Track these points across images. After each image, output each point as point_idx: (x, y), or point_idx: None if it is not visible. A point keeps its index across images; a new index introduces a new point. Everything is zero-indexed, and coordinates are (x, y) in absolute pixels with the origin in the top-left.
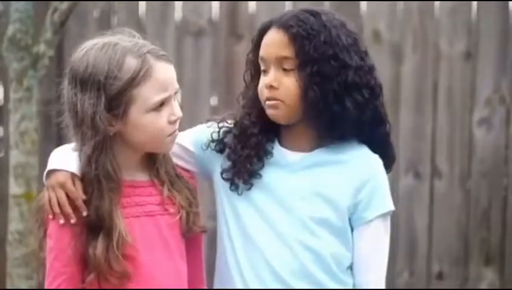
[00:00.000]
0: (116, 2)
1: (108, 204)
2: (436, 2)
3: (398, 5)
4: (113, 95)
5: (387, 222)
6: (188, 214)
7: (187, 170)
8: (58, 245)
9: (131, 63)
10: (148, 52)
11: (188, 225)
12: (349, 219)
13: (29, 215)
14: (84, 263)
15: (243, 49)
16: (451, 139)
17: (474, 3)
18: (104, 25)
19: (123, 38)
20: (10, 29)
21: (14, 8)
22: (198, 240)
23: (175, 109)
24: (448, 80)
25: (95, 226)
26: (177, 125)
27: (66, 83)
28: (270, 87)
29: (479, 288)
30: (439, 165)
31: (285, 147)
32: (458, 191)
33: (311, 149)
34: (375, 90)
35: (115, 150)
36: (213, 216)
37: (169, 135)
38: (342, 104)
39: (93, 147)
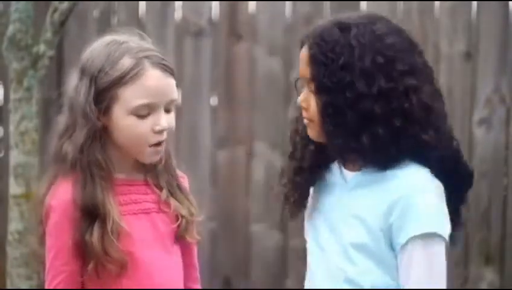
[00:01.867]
0: (116, 2)
1: (100, 191)
2: (436, 2)
3: (398, 5)
4: (101, 89)
5: (434, 247)
6: (187, 223)
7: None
8: (58, 243)
9: (124, 63)
10: (146, 56)
11: (183, 233)
12: (392, 245)
13: (29, 215)
14: (83, 256)
15: (243, 49)
16: None
17: (474, 3)
18: (104, 25)
19: (133, 40)
20: (10, 29)
21: (14, 8)
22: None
23: (161, 119)
24: (448, 80)
25: (91, 213)
26: (162, 137)
27: (70, 78)
28: (302, 106)
29: (479, 288)
30: None
31: (347, 167)
32: None
33: (359, 168)
34: (413, 115)
35: (108, 144)
36: (212, 217)
37: (151, 145)
38: (358, 139)
39: (86, 135)
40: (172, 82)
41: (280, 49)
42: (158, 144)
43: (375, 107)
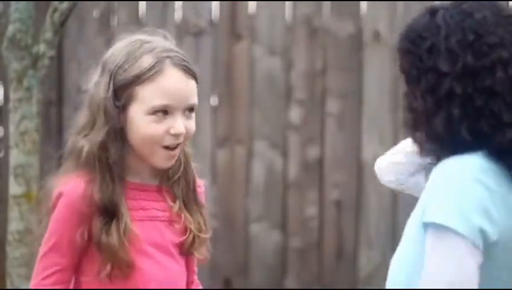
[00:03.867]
0: (116, 2)
1: (119, 192)
2: (436, 2)
3: (398, 5)
4: (120, 86)
5: (441, 241)
6: (194, 238)
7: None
8: (59, 233)
9: (145, 61)
10: (168, 56)
11: (190, 248)
12: None
13: (29, 215)
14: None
15: (243, 49)
16: None
17: None
18: (104, 25)
19: (157, 40)
20: (10, 29)
21: (14, 8)
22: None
23: (178, 122)
24: None
25: (108, 212)
26: (177, 140)
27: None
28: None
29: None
30: None
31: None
32: None
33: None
34: (497, 92)
35: (124, 145)
36: (212, 217)
37: (165, 148)
38: (432, 124)
39: (106, 132)
40: (193, 85)
41: (280, 49)
42: (172, 147)
43: (456, 87)
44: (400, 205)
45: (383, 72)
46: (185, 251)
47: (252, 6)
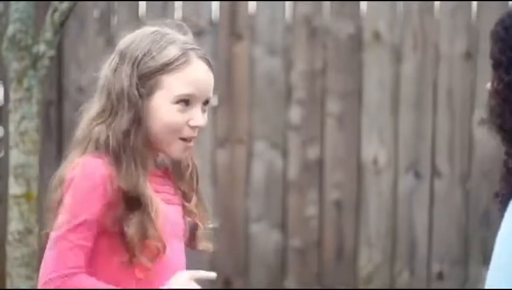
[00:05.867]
0: (116, 2)
1: (143, 179)
2: (436, 2)
3: (398, 5)
4: (144, 73)
5: None
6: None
7: None
8: (87, 212)
9: (172, 50)
10: (192, 49)
11: (194, 240)
12: None
13: (29, 215)
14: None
15: (242, 49)
16: (451, 139)
17: (474, 3)
18: (104, 25)
19: (176, 33)
20: (10, 29)
21: (14, 8)
22: None
23: (198, 115)
24: (448, 80)
25: (133, 202)
26: (194, 133)
27: (106, 63)
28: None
29: (479, 288)
30: (439, 165)
31: None
32: (458, 191)
33: None
34: None
35: (144, 132)
36: (212, 216)
37: (183, 139)
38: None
39: (131, 120)
40: (213, 79)
41: (280, 49)
42: (189, 139)
43: None
44: (400, 205)
45: (383, 72)
46: (190, 243)
47: (252, 6)
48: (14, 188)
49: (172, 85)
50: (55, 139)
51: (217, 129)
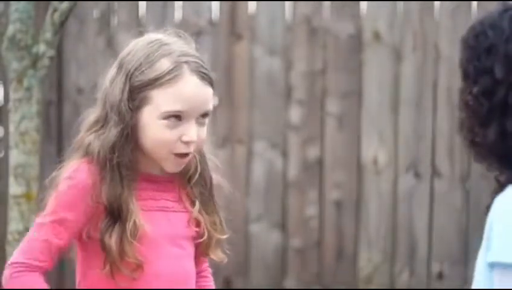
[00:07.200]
0: (116, 2)
1: (128, 193)
2: (436, 2)
3: (398, 5)
4: (135, 87)
5: (507, 278)
6: (210, 239)
7: None
8: (65, 211)
9: (163, 64)
10: (186, 62)
11: (206, 250)
12: None
13: (29, 215)
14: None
15: (242, 49)
16: (451, 139)
17: (474, 3)
18: (104, 25)
19: (177, 43)
20: (10, 29)
21: (14, 8)
22: None
23: (191, 129)
24: (448, 80)
25: (113, 213)
26: (189, 149)
27: (109, 70)
28: None
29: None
30: (439, 165)
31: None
32: (458, 191)
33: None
34: None
35: (136, 144)
36: None
37: (176, 155)
38: (484, 133)
39: (119, 134)
40: (209, 92)
41: (280, 49)
42: (183, 155)
43: (510, 97)
44: (399, 205)
45: (383, 72)
46: (201, 251)
47: (252, 6)
48: (14, 188)
49: (160, 101)
50: (55, 139)
51: (217, 129)
